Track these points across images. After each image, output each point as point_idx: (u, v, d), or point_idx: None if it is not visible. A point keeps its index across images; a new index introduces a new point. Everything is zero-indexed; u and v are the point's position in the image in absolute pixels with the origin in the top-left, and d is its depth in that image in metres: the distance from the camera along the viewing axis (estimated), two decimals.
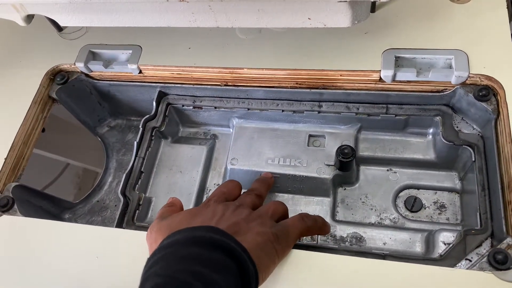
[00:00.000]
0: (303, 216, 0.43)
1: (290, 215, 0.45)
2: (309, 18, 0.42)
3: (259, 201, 0.46)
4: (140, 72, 0.57)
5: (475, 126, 0.50)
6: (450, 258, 0.45)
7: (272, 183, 0.53)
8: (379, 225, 0.52)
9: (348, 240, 0.52)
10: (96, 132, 0.68)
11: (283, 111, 0.56)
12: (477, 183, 0.46)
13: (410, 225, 0.52)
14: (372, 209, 0.54)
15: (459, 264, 0.41)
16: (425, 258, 0.47)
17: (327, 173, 0.53)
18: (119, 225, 0.52)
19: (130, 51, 0.57)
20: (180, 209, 0.45)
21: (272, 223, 0.41)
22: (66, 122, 0.74)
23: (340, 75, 0.51)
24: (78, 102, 0.63)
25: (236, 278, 0.33)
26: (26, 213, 0.51)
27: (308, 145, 0.56)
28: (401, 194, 0.54)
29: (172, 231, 0.38)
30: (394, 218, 0.53)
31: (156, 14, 0.45)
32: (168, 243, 0.36)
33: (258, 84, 0.54)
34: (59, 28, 0.60)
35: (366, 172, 0.56)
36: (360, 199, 0.55)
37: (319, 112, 0.55)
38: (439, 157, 0.53)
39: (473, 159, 0.48)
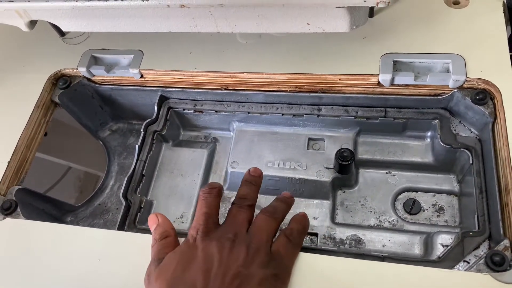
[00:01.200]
0: (290, 239, 0.40)
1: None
2: (308, 24, 0.43)
3: (251, 213, 0.42)
4: (142, 76, 0.57)
5: (472, 129, 0.50)
6: (448, 260, 0.45)
7: (261, 183, 0.46)
8: (378, 227, 0.53)
9: (348, 243, 0.52)
10: (97, 136, 0.68)
11: (282, 114, 0.56)
12: (475, 185, 0.47)
13: (409, 227, 0.52)
14: (371, 211, 0.54)
15: (457, 266, 0.41)
16: (424, 260, 0.48)
17: (327, 176, 0.54)
18: (121, 227, 0.52)
19: (132, 56, 0.57)
20: (174, 239, 0.42)
21: (269, 257, 0.38)
22: (68, 126, 0.74)
23: (339, 79, 0.51)
24: (80, 106, 0.63)
25: None
26: (29, 216, 0.51)
27: (307, 148, 0.56)
28: (400, 196, 0.55)
29: (168, 285, 0.36)
30: (393, 221, 0.53)
31: (157, 20, 0.46)
32: None
33: (258, 88, 0.55)
34: (62, 33, 0.61)
35: (365, 175, 0.57)
36: (359, 201, 0.55)
37: (318, 115, 0.55)
38: (438, 160, 0.54)
39: (471, 162, 0.48)
